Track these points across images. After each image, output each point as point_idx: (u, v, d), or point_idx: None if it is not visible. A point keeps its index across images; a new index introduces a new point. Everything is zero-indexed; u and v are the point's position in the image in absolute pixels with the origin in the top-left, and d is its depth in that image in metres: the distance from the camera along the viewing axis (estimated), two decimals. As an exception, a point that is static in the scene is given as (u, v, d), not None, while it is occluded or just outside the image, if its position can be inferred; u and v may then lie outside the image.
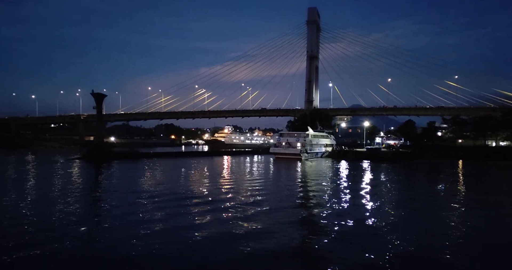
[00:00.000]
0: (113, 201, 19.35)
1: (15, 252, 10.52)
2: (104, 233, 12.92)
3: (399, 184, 30.06)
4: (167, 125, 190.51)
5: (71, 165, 43.38)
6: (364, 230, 13.65)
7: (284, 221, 14.73)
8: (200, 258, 10.38)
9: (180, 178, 31.89)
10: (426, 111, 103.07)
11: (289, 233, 12.99)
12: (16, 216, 15.23)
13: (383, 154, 63.82)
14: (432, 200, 21.56)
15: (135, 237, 12.20)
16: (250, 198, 20.73)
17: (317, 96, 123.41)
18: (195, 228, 13.48)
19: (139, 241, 11.79)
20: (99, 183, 28.70)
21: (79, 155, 56.00)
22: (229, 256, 10.45)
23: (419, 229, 13.88)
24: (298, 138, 64.32)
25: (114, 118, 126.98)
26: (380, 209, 17.83)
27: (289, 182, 29.86)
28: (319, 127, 79.16)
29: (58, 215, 15.61)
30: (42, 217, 15.13)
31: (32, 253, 10.45)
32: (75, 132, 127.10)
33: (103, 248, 11.19)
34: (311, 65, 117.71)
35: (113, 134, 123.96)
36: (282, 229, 13.53)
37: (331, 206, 18.62)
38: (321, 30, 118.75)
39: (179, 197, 20.60)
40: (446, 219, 15.77)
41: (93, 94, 61.86)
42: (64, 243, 11.51)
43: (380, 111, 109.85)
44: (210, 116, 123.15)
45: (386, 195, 22.96)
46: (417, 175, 40.62)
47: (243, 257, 10.40)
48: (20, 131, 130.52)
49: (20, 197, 20.21)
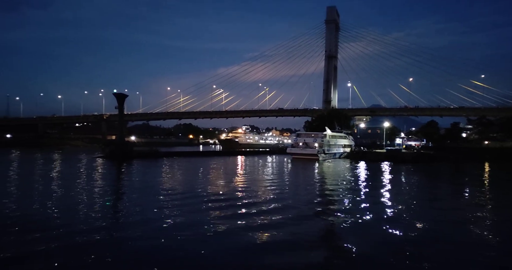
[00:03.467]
0: (134, 199, 19.94)
1: (42, 243, 11.10)
2: (127, 227, 13.40)
3: (420, 187, 29.22)
4: (185, 125, 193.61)
5: (95, 164, 44.94)
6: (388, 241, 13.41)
7: (304, 231, 13.98)
8: (216, 252, 10.58)
9: (199, 177, 32.38)
10: (450, 112, 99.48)
11: (311, 243, 12.13)
12: (44, 210, 16.00)
13: (404, 155, 62.16)
14: (458, 206, 20.86)
15: (156, 232, 12.56)
16: (268, 197, 20.81)
17: (335, 96, 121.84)
18: (216, 233, 13.67)
19: (160, 235, 12.14)
20: (121, 181, 29.63)
21: (102, 154, 57.90)
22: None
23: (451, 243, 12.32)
24: (316, 138, 63.74)
25: (135, 117, 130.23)
26: (402, 215, 17.43)
27: (308, 183, 29.72)
28: (337, 127, 78.10)
29: (83, 210, 16.26)
30: (68, 212, 15.80)
31: (59, 245, 10.97)
32: (98, 131, 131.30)
33: (125, 241, 11.61)
34: (329, 65, 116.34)
35: (133, 133, 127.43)
36: (303, 239, 12.51)
37: (352, 209, 18.38)
38: (340, 29, 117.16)
39: (199, 195, 20.94)
40: (478, 231, 14.11)
41: (115, 94, 63.73)
42: (88, 236, 12.04)
43: (401, 111, 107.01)
44: (227, 116, 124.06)
45: (408, 200, 22.40)
46: (440, 178, 39.38)
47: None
48: (47, 130, 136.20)
49: (49, 192, 21.18)
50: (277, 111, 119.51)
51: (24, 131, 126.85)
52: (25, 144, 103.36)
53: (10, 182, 26.33)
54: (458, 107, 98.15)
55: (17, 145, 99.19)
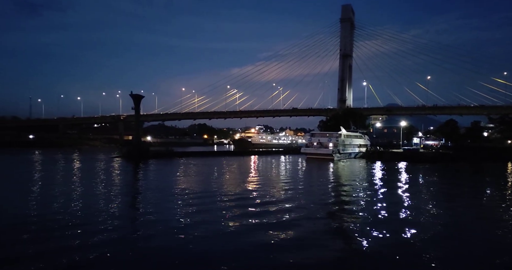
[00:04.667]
0: (152, 198, 20.31)
1: (64, 239, 11.49)
2: (145, 225, 13.71)
3: (439, 188, 28.45)
4: (200, 125, 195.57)
5: (112, 163, 46.06)
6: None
7: (319, 230, 13.91)
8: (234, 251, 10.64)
9: (214, 176, 32.65)
10: (470, 110, 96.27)
11: (324, 241, 12.20)
12: (65, 207, 16.51)
13: (422, 155, 60.70)
14: (481, 208, 20.22)
15: (173, 230, 12.76)
16: (282, 197, 20.79)
17: (350, 95, 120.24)
18: (233, 230, 13.78)
19: (178, 232, 12.37)
20: (138, 180, 30.26)
21: (119, 154, 59.25)
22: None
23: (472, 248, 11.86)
24: (330, 138, 63.10)
25: (151, 118, 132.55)
26: (418, 216, 17.03)
27: (322, 182, 29.49)
28: (353, 127, 77.05)
29: (102, 208, 16.70)
30: (87, 209, 16.26)
31: (79, 242, 11.32)
32: (115, 131, 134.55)
33: (143, 239, 11.90)
34: (344, 64, 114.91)
35: (149, 133, 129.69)
36: (317, 238, 12.64)
37: (367, 210, 18.11)
38: (355, 27, 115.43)
39: (214, 195, 21.10)
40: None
41: (131, 95, 65.03)
42: (106, 234, 12.39)
43: (418, 110, 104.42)
44: (241, 116, 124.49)
45: (425, 201, 21.87)
46: (459, 178, 38.21)
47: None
48: (67, 131, 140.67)
49: (70, 192, 21.84)
50: (291, 111, 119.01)
51: (46, 131, 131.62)
52: (46, 144, 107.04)
53: (34, 181, 27.36)
54: (479, 106, 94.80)
55: (39, 145, 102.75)
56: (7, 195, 20.78)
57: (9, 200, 19.10)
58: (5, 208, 16.93)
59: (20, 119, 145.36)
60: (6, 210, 16.34)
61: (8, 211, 16.08)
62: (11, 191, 22.57)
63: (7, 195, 20.93)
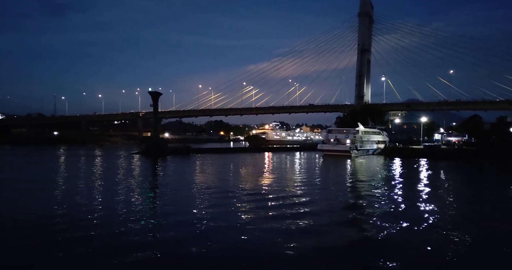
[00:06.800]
0: (172, 193, 20.81)
1: (87, 229, 12.03)
2: (165, 216, 14.14)
3: (461, 187, 27.64)
4: (216, 122, 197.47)
5: (132, 159, 47.38)
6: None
7: (334, 222, 14.22)
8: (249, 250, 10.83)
9: (230, 173, 33.02)
10: (495, 105, 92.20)
11: (339, 231, 12.73)
12: (87, 202, 17.22)
13: (443, 151, 58.90)
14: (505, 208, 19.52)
15: (193, 221, 13.11)
16: (299, 193, 20.83)
17: (368, 91, 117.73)
18: (247, 223, 14.00)
19: (198, 224, 12.69)
20: (157, 176, 31.03)
21: (138, 150, 60.81)
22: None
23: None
24: (348, 134, 62.26)
25: (169, 115, 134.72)
26: (442, 218, 16.65)
27: (339, 180, 29.23)
28: (371, 123, 75.66)
29: (122, 203, 17.32)
30: (109, 205, 16.86)
31: (102, 232, 11.82)
32: (134, 128, 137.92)
33: (163, 229, 12.28)
34: (362, 59, 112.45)
35: (167, 130, 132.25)
36: (332, 229, 13.12)
37: (387, 210, 17.87)
38: (374, 21, 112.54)
39: (231, 191, 21.36)
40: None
41: (150, 93, 66.41)
42: (131, 223, 12.89)
43: (440, 105, 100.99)
44: (257, 112, 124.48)
45: (446, 201, 21.32)
46: (483, 176, 36.90)
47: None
48: (89, 128, 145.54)
49: (93, 187, 22.83)
50: (308, 107, 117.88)
51: (69, 128, 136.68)
52: (70, 141, 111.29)
53: (60, 178, 28.64)
54: (504, 100, 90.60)
55: (64, 142, 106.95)
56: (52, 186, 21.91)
57: (52, 192, 20.14)
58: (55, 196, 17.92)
59: (45, 116, 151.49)
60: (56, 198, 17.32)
61: (50, 202, 16.99)
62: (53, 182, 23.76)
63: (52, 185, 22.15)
